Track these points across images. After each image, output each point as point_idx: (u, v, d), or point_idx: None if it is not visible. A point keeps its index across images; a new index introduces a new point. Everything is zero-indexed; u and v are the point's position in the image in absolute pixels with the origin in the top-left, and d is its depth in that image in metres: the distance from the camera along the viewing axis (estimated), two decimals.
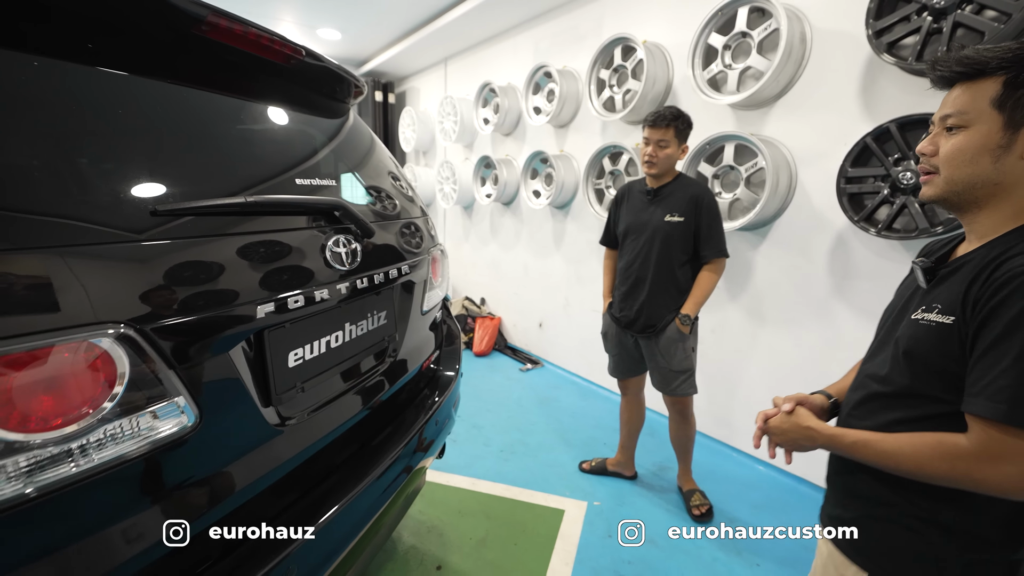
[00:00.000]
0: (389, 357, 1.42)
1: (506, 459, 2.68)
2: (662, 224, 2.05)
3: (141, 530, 0.76)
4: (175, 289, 0.78)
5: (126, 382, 0.70)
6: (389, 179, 1.59)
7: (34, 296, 0.63)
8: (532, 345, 4.41)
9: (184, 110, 0.96)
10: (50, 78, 0.76)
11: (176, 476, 0.80)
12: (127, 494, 0.74)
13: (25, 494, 0.61)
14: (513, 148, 4.27)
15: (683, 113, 2.02)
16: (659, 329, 2.10)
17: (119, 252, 0.72)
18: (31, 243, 0.64)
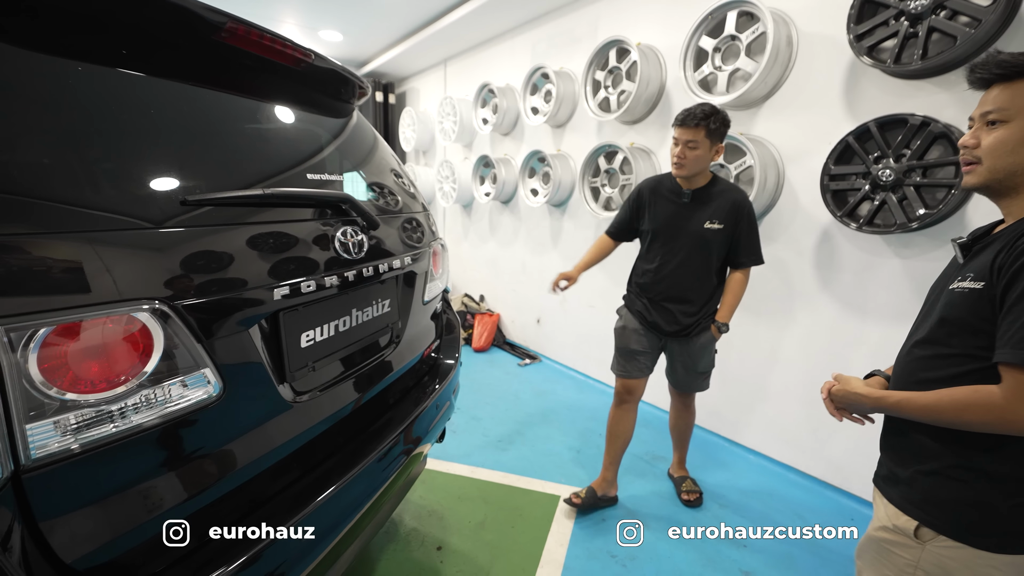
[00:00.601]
0: (393, 343, 1.50)
1: (504, 449, 2.77)
2: (701, 230, 1.95)
3: (173, 488, 0.84)
4: (202, 271, 0.86)
5: (161, 352, 0.79)
6: (392, 176, 1.67)
7: (86, 273, 0.71)
8: (530, 341, 4.50)
9: (207, 110, 1.04)
10: (92, 81, 0.84)
11: (201, 441, 0.88)
12: (160, 455, 0.82)
13: (72, 449, 0.69)
14: (511, 147, 4.36)
15: (716, 111, 1.85)
16: (695, 333, 2.06)
17: (155, 237, 0.81)
18: (84, 228, 0.72)
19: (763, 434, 2.70)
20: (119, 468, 0.76)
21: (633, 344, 2.15)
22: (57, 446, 0.68)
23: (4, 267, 0.64)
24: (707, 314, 2.06)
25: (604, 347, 3.61)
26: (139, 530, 0.79)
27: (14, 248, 0.65)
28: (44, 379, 0.66)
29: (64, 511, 0.70)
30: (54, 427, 0.67)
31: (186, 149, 0.94)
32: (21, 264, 0.65)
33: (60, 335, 0.68)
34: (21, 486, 0.66)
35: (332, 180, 1.28)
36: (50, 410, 0.67)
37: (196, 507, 0.88)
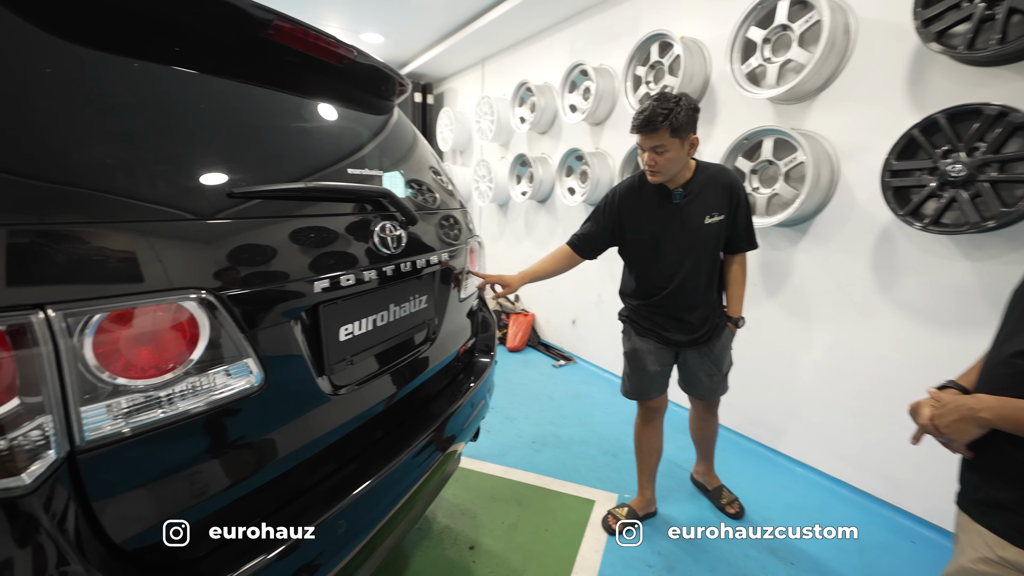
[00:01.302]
0: (429, 340, 1.50)
1: (538, 450, 2.74)
2: (702, 227, 1.77)
3: (215, 475, 0.85)
4: (246, 262, 0.87)
5: (207, 341, 0.80)
6: (431, 173, 1.67)
7: (138, 263, 0.73)
8: (565, 342, 4.45)
9: (252, 106, 1.06)
10: (147, 77, 0.87)
11: (243, 430, 0.90)
12: (203, 443, 0.83)
13: (123, 433, 0.71)
14: (549, 146, 4.32)
15: (677, 103, 1.60)
16: (715, 336, 1.92)
17: (203, 228, 0.82)
18: (137, 219, 0.74)
19: (809, 444, 2.56)
20: (166, 453, 0.78)
21: (651, 366, 1.97)
22: (109, 429, 0.70)
23: (62, 255, 0.66)
24: (720, 312, 1.95)
25: None
26: (184, 514, 0.81)
27: (72, 237, 0.67)
28: (98, 364, 0.68)
29: (114, 492, 0.72)
30: (107, 411, 0.69)
31: (232, 144, 0.96)
32: (78, 252, 0.67)
33: (113, 321, 0.70)
34: (76, 467, 0.68)
35: (372, 175, 1.29)
36: (103, 394, 0.69)
37: (237, 495, 0.89)
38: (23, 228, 0.63)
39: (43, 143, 0.69)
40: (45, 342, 0.63)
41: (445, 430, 1.47)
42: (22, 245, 0.62)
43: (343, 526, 1.03)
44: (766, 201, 2.48)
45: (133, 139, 0.80)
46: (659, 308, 1.91)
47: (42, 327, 0.63)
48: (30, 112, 0.69)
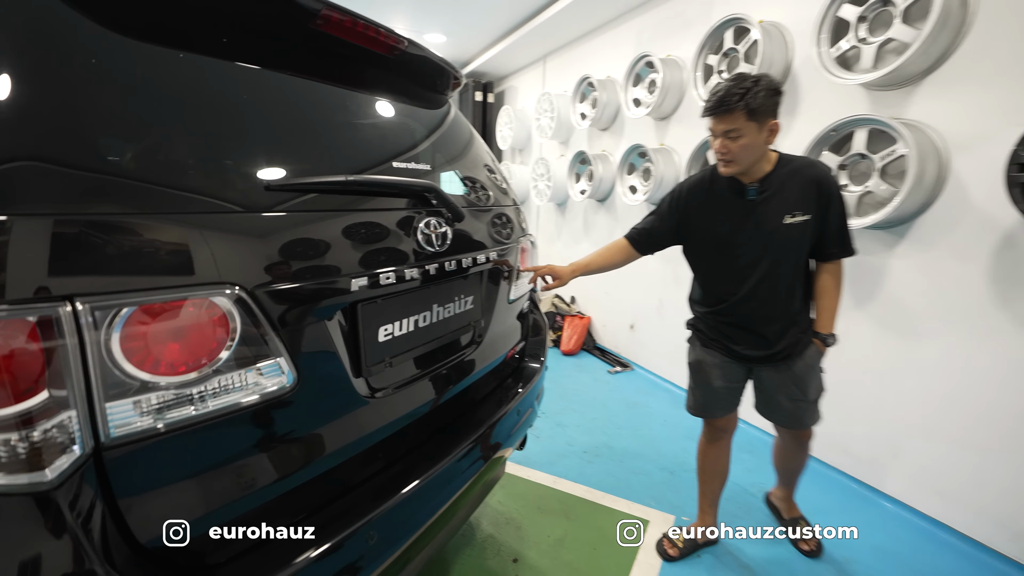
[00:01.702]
0: (474, 342, 1.43)
1: (590, 461, 2.61)
2: (782, 229, 1.53)
3: (244, 476, 0.83)
4: (280, 258, 0.84)
5: (237, 339, 0.77)
6: (484, 170, 1.61)
7: (168, 256, 0.70)
8: (622, 347, 4.26)
9: (297, 98, 1.04)
10: (192, 69, 0.86)
11: (274, 431, 0.86)
12: (232, 443, 0.80)
13: (148, 430, 0.69)
14: (610, 143, 4.16)
15: (756, 82, 1.42)
16: (796, 353, 1.65)
17: (235, 222, 0.79)
18: (166, 211, 0.72)
19: (906, 479, 2.24)
20: (192, 453, 0.75)
21: (716, 380, 1.77)
22: (135, 426, 0.68)
23: (92, 246, 0.64)
24: (805, 327, 1.67)
25: None
26: (212, 515, 0.78)
27: (103, 228, 0.65)
28: (126, 359, 0.66)
29: (140, 491, 0.71)
30: (133, 407, 0.67)
31: (272, 137, 0.93)
32: (108, 244, 0.66)
33: (142, 316, 0.67)
34: (102, 464, 0.66)
35: (419, 170, 1.23)
36: (130, 390, 0.67)
37: (267, 498, 0.86)
38: (50, 217, 0.62)
39: (77, 131, 0.68)
40: (72, 335, 0.61)
41: (490, 437, 1.39)
42: (51, 235, 0.61)
43: (374, 536, 0.97)
44: (857, 200, 2.20)
45: (169, 129, 0.78)
46: (727, 317, 1.70)
47: (69, 320, 0.61)
48: (69, 100, 0.68)
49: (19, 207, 0.60)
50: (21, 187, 0.61)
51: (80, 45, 0.72)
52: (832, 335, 1.66)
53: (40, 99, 0.66)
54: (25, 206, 0.60)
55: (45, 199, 0.62)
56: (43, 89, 0.66)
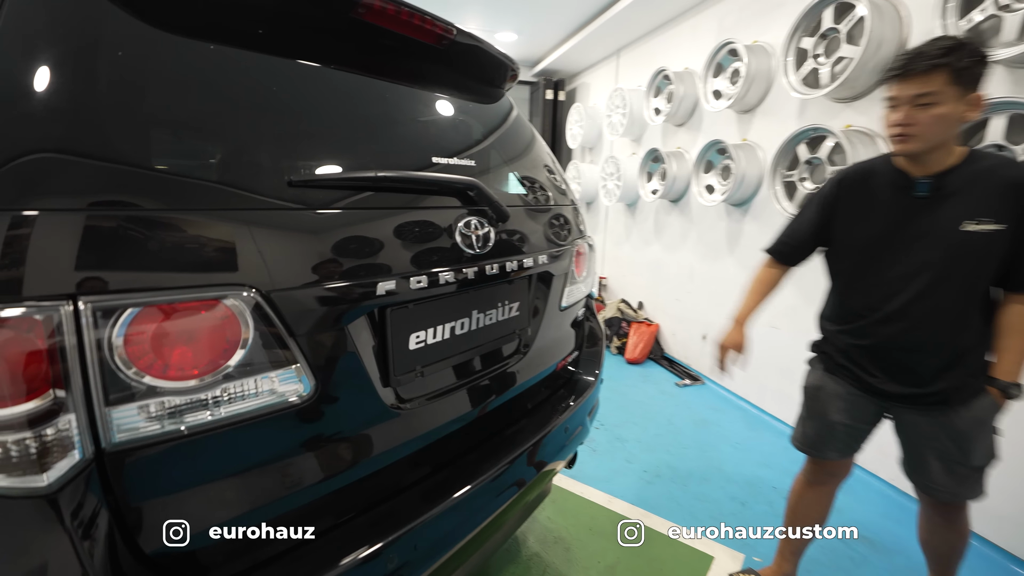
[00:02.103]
0: (520, 352, 1.33)
1: (649, 481, 2.41)
2: (957, 235, 1.21)
3: (254, 489, 0.78)
4: (299, 259, 0.79)
5: (249, 344, 0.72)
6: (543, 169, 1.50)
7: (177, 255, 0.67)
8: (692, 359, 3.97)
9: (330, 91, 0.99)
10: (218, 60, 0.83)
11: (289, 443, 0.81)
12: (244, 453, 0.76)
13: (152, 436, 0.66)
14: (686, 139, 3.88)
15: (960, 45, 1.14)
16: (959, 400, 1.29)
17: (253, 219, 0.75)
18: (175, 207, 0.68)
19: None
20: (199, 462, 0.72)
21: (834, 414, 1.46)
22: (138, 432, 0.65)
23: (95, 242, 0.61)
24: (977, 370, 1.29)
25: (786, 377, 2.96)
26: (221, 527, 0.75)
27: (106, 224, 0.63)
28: (130, 362, 0.63)
29: (143, 499, 0.68)
30: (136, 412, 0.64)
31: (299, 130, 0.88)
32: (113, 241, 0.63)
33: (148, 317, 0.64)
34: (104, 470, 0.63)
35: (464, 166, 1.15)
36: (133, 394, 0.64)
37: (285, 509, 0.82)
38: (51, 213, 0.59)
39: (86, 123, 0.66)
40: (72, 335, 0.59)
41: (534, 455, 1.29)
42: (52, 230, 0.59)
43: (394, 560, 0.90)
44: None
45: (184, 121, 0.75)
46: (864, 339, 1.37)
47: (70, 319, 0.59)
48: (89, 95, 0.67)
49: (19, 202, 0.58)
50: (23, 182, 0.59)
51: (106, 35, 0.71)
52: (1017, 385, 1.26)
53: (55, 93, 0.64)
54: (26, 201, 0.58)
55: (48, 194, 0.60)
56: (59, 82, 0.65)
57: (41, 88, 0.63)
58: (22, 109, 0.62)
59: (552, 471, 1.45)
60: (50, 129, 0.63)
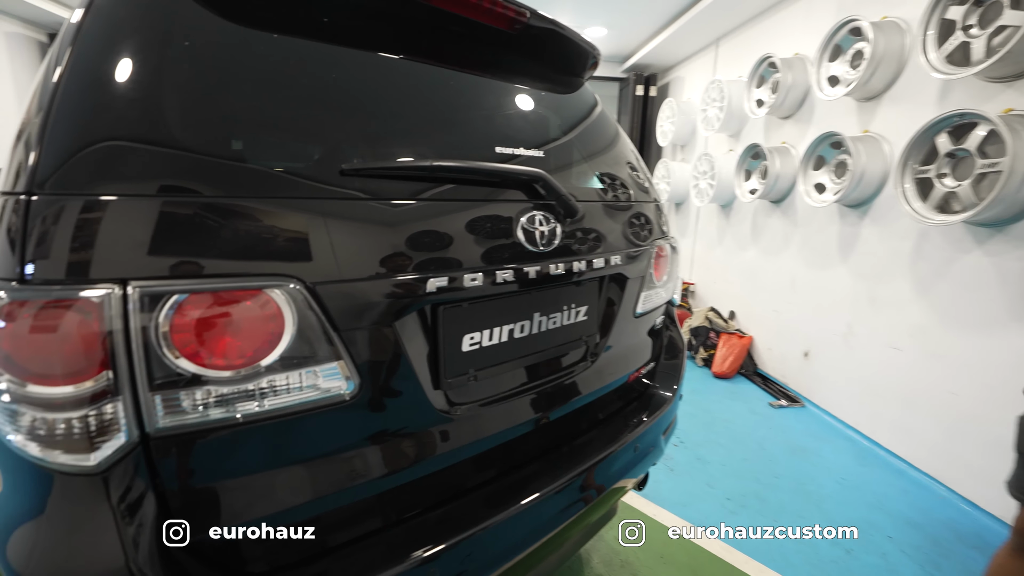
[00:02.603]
0: (586, 360, 1.22)
1: (733, 512, 2.17)
2: None
3: (304, 484, 0.76)
4: (348, 252, 0.75)
5: (292, 338, 0.70)
6: (623, 164, 1.38)
7: (225, 243, 0.66)
8: (790, 377, 3.56)
9: (399, 80, 0.96)
10: (287, 51, 0.82)
11: (330, 440, 0.78)
12: (284, 449, 0.75)
13: (196, 425, 0.65)
14: (793, 133, 3.48)
15: None
16: None
17: (300, 207, 0.73)
18: (224, 195, 0.67)
19: None
20: (240, 453, 0.71)
21: None
22: (181, 419, 0.65)
23: (148, 229, 0.62)
24: None
25: (908, 408, 2.53)
26: (259, 523, 0.73)
27: (158, 211, 0.63)
28: (175, 348, 0.63)
29: (185, 486, 0.68)
30: (180, 399, 0.64)
31: (357, 117, 0.85)
32: (165, 228, 0.63)
33: (194, 305, 0.64)
34: (149, 455, 0.64)
35: (530, 157, 1.07)
36: (177, 382, 0.64)
37: (317, 511, 0.79)
38: (108, 198, 0.60)
39: (162, 113, 0.67)
40: (120, 319, 0.59)
41: (599, 473, 1.18)
42: (109, 216, 0.60)
43: (437, 572, 0.85)
44: None
45: (242, 109, 0.74)
46: None
47: (119, 304, 0.59)
48: (156, 86, 0.68)
49: (88, 188, 0.59)
50: (93, 168, 0.61)
51: (176, 27, 0.72)
52: None
53: (128, 83, 0.66)
54: (93, 187, 0.60)
55: (111, 180, 0.61)
56: (131, 73, 0.67)
57: (115, 79, 0.65)
58: (97, 98, 0.65)
59: (619, 490, 1.33)
60: (119, 117, 0.65)
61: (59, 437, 0.59)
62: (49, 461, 0.60)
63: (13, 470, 0.62)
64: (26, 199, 0.59)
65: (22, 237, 0.59)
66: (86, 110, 0.64)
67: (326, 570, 0.78)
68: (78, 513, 0.61)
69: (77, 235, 0.59)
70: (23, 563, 0.60)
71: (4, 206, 0.63)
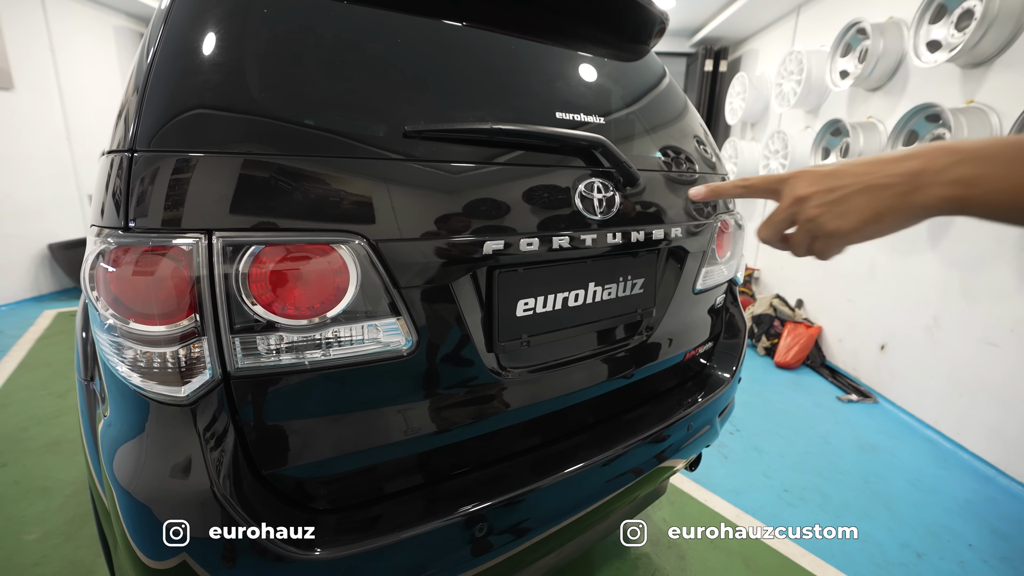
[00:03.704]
0: (641, 334, 1.20)
1: (790, 504, 2.08)
2: None
3: (362, 432, 0.81)
4: (410, 212, 0.78)
5: (354, 293, 0.74)
6: (690, 137, 1.33)
7: (297, 200, 0.70)
8: (863, 371, 3.32)
9: (460, 46, 0.96)
10: (353, 17, 0.85)
11: (388, 393, 0.82)
12: (344, 397, 0.79)
13: (269, 368, 0.71)
14: (882, 106, 3.18)
15: None
16: None
17: (368, 169, 0.76)
18: (296, 152, 0.71)
19: None
20: (307, 398, 0.76)
21: None
22: (256, 362, 0.70)
23: (232, 185, 0.67)
24: None
25: (1004, 409, 2.30)
26: (323, 464, 0.79)
27: (242, 169, 0.68)
28: (252, 296, 0.68)
29: (260, 424, 0.74)
30: (256, 343, 0.70)
31: (420, 83, 0.87)
32: (247, 184, 0.67)
33: (267, 257, 0.68)
34: (230, 391, 0.70)
35: (590, 123, 1.05)
36: (254, 327, 0.69)
37: (377, 459, 0.84)
38: (198, 156, 0.66)
39: (242, 78, 0.71)
40: (206, 267, 0.65)
41: (651, 448, 1.17)
42: (199, 172, 0.65)
43: (484, 528, 0.88)
44: None
45: (315, 75, 0.78)
46: None
47: (204, 252, 0.65)
48: (236, 53, 0.73)
49: (180, 146, 0.65)
50: (178, 132, 0.66)
51: (251, 2, 0.76)
52: None
53: (213, 52, 0.71)
54: (184, 146, 0.65)
55: (198, 142, 0.67)
56: (215, 41, 0.71)
57: (199, 51, 0.71)
58: (185, 69, 0.70)
59: (669, 469, 1.31)
60: (203, 85, 0.70)
61: (156, 370, 0.66)
62: (147, 390, 0.67)
63: (120, 396, 0.71)
64: (129, 156, 0.66)
65: (126, 192, 0.65)
66: (176, 80, 0.70)
67: (381, 515, 0.83)
68: (170, 437, 0.69)
69: (171, 190, 0.65)
70: (127, 478, 0.68)
71: (111, 164, 0.70)
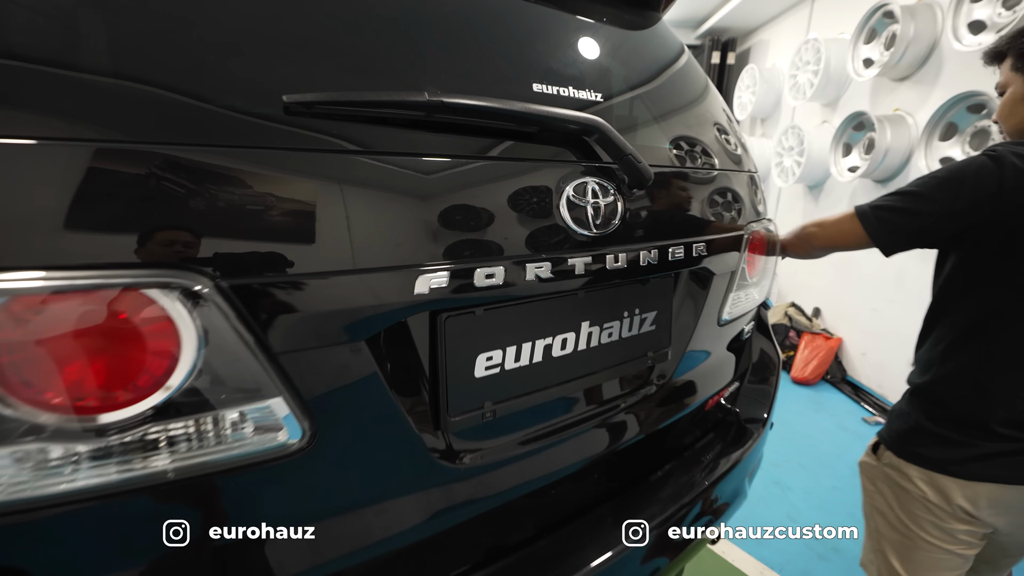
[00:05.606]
0: (651, 384, 0.91)
1: (822, 556, 1.79)
2: None
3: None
4: (287, 231, 0.49)
5: (191, 364, 0.45)
6: (709, 125, 1.04)
7: (79, 213, 0.41)
8: (888, 388, 3.03)
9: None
10: None
11: (269, 514, 0.53)
12: (188, 520, 0.50)
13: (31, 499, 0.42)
14: (911, 97, 2.88)
15: None
16: None
17: (215, 162, 0.46)
18: (87, 133, 0.42)
19: None
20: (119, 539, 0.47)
21: None
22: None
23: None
24: None
25: None
26: None
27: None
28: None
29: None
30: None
31: (318, 26, 0.57)
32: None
33: (26, 309, 0.39)
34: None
35: (581, 99, 0.76)
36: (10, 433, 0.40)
37: None
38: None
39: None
40: None
41: (653, 540, 0.87)
42: None
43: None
44: None
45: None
46: None
47: None
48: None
49: None
50: None
51: None
52: None
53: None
54: None
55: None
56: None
57: None
58: None
59: (686, 556, 1.02)
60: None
61: None
62: None
63: None
64: None
65: None
66: None
67: None
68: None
69: None
70: None
71: None
